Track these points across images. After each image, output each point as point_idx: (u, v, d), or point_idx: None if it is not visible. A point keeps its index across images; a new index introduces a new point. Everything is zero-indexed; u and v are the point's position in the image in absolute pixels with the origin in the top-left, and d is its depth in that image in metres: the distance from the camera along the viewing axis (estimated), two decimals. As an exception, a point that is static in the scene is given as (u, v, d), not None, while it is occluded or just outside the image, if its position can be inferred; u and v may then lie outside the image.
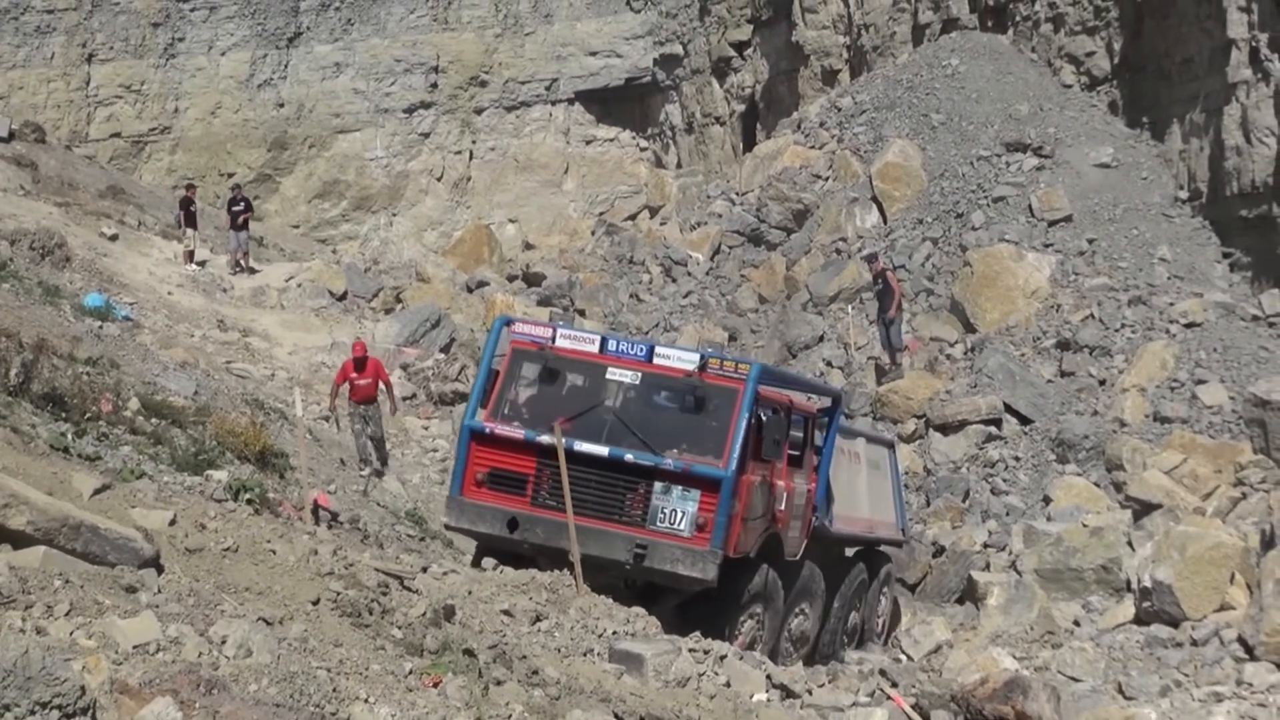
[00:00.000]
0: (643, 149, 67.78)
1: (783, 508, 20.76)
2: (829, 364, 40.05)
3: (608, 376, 20.00)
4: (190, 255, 41.64)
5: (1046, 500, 33.10)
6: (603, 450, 19.24)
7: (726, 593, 19.44)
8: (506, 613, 15.26)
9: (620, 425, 19.66)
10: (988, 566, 29.67)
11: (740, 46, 62.25)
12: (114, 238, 41.22)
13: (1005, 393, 36.81)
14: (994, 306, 40.12)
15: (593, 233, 57.27)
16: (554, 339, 20.39)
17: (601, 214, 62.66)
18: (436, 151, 65.45)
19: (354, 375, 28.53)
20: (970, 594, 28.60)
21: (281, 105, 63.49)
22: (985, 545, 31.19)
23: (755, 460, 19.81)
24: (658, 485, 19.23)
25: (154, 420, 21.76)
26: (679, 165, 65.02)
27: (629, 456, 19.24)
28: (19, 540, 10.24)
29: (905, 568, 30.37)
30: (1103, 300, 39.53)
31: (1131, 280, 40.22)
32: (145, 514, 12.67)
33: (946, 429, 36.25)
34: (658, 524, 19.17)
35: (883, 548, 26.75)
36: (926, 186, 45.25)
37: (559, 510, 19.07)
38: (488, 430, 19.99)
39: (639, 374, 19.90)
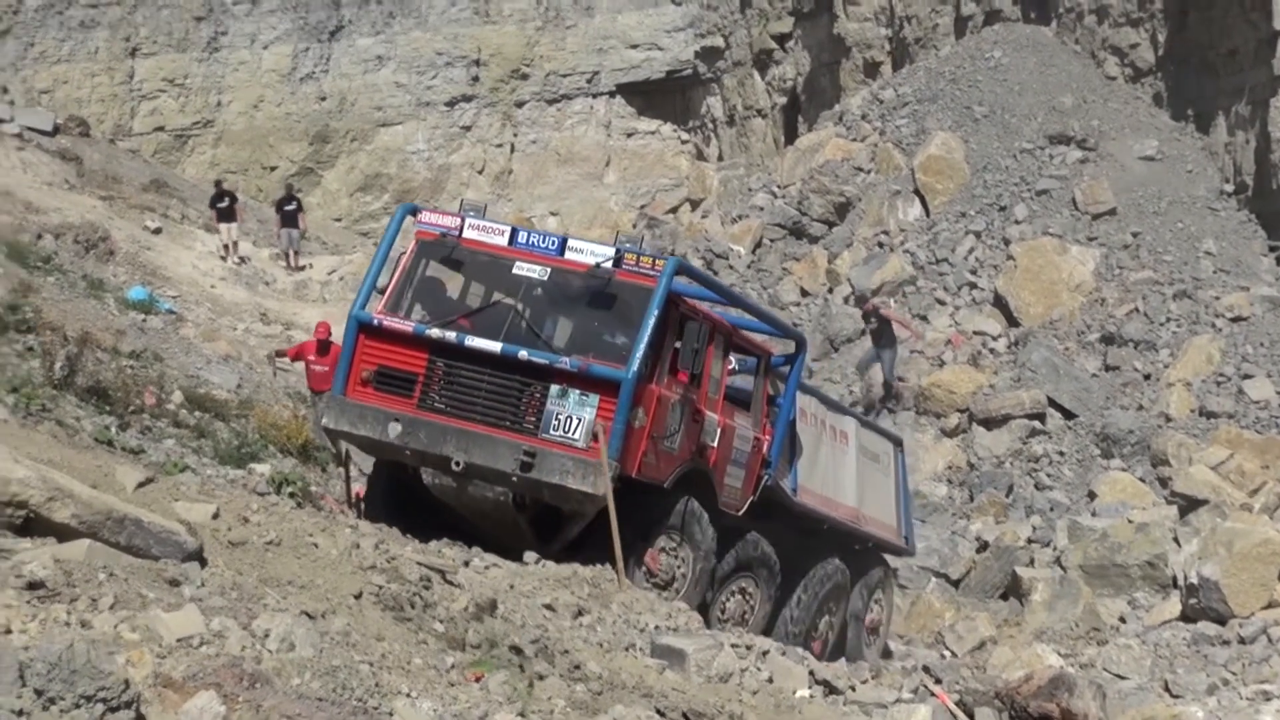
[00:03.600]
0: (684, 142, 67.73)
1: (715, 444, 19.05)
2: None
3: (514, 271, 18.28)
4: (227, 249, 41.58)
5: (1091, 496, 32.98)
6: (495, 347, 17.60)
7: (628, 521, 17.59)
8: (548, 607, 15.22)
9: (521, 322, 18.08)
10: (1032, 562, 29.55)
11: (782, 39, 62.16)
12: (157, 231, 41.39)
13: (1049, 387, 36.67)
14: (1038, 300, 39.97)
15: (634, 225, 57.19)
16: (461, 230, 18.63)
17: (642, 207, 62.61)
18: (478, 144, 65.51)
19: (312, 359, 26.05)
20: (1014, 590, 28.49)
21: (323, 99, 63.63)
22: (1029, 541, 31.04)
23: (673, 375, 18.25)
24: (554, 388, 17.44)
25: (197, 414, 21.84)
26: (720, 158, 64.92)
27: (523, 354, 17.49)
28: (64, 533, 10.25)
29: (949, 563, 30.24)
30: (1148, 294, 39.36)
31: (1177, 274, 40.05)
32: (188, 507, 12.68)
33: (990, 423, 36.11)
34: (550, 432, 17.35)
35: (884, 558, 25.09)
36: (969, 179, 45.10)
37: (446, 415, 17.66)
38: (376, 322, 18.23)
39: (548, 269, 18.14)
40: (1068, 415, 36.34)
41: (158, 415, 20.55)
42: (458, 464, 17.54)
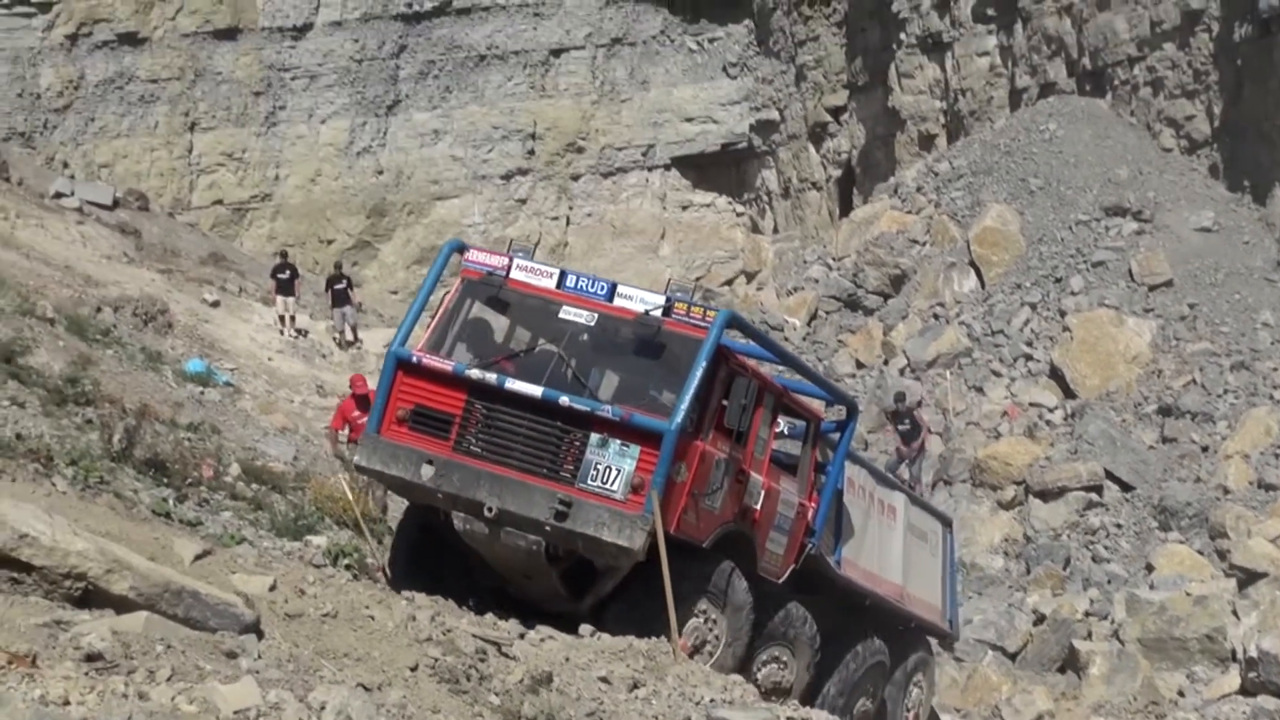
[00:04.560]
0: (739, 214, 67.88)
1: (758, 507, 18.32)
2: (929, 430, 39.83)
3: (561, 315, 17.58)
4: (283, 321, 41.65)
5: (1149, 568, 32.79)
6: (536, 391, 16.91)
7: (662, 580, 16.76)
8: (604, 679, 15.17)
9: (565, 368, 17.35)
10: (1089, 635, 29.38)
11: (836, 112, 62.32)
12: (215, 304, 41.62)
13: (1106, 459, 36.52)
14: (1094, 372, 39.85)
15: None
16: (509, 271, 17.97)
17: (698, 279, 62.68)
18: (534, 217, 65.80)
19: (356, 415, 25.64)
20: (1072, 663, 28.31)
21: (380, 172, 64.05)
22: (1087, 613, 30.87)
23: (719, 431, 17.41)
24: (594, 437, 16.78)
25: (254, 486, 21.90)
26: (775, 230, 65.06)
27: (564, 400, 16.83)
28: (122, 605, 10.30)
29: (1005, 636, 30.04)
30: (1205, 365, 39.19)
31: (1234, 345, 39.87)
32: (246, 579, 12.72)
33: (1046, 495, 35.97)
34: (588, 482, 16.70)
35: (926, 639, 23.86)
36: (1025, 251, 45.06)
37: (482, 459, 17.07)
38: (415, 360, 17.59)
39: (595, 314, 17.49)
40: (1125, 487, 36.18)
41: (215, 487, 20.63)
42: (490, 510, 16.97)
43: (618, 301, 17.50)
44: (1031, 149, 48.54)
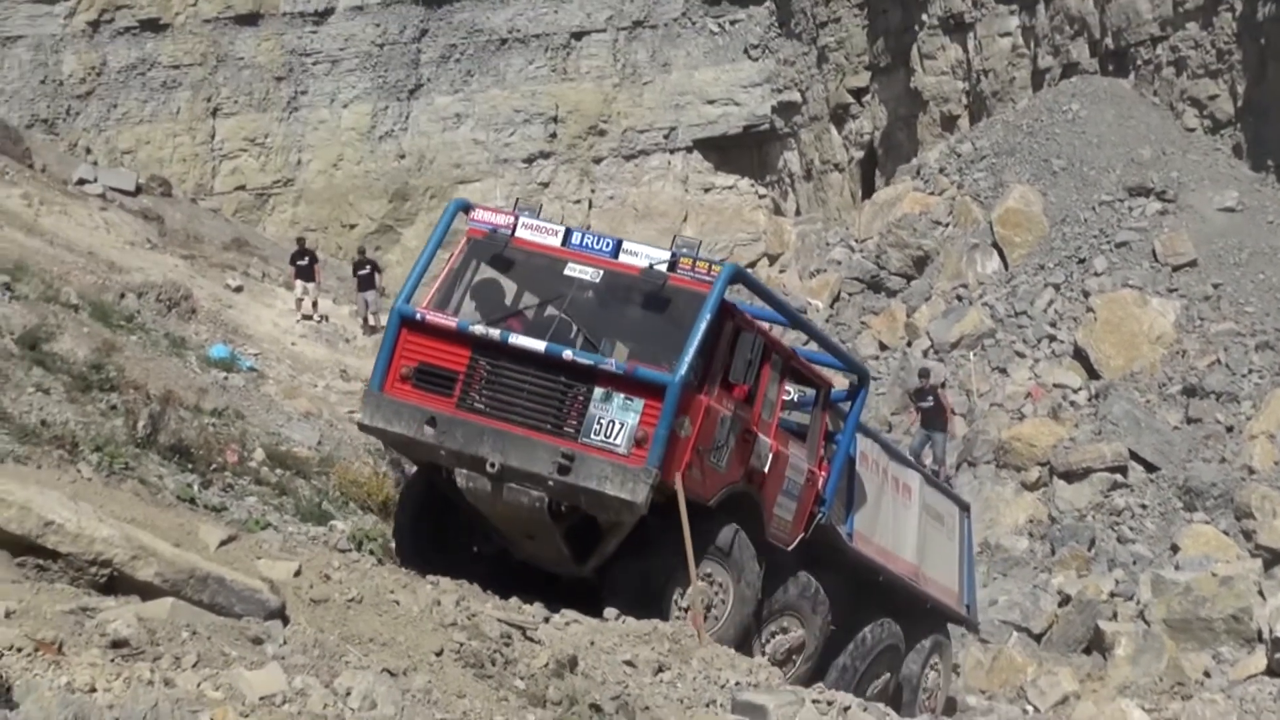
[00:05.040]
0: (761, 196, 67.81)
1: (765, 469, 18.06)
2: (952, 411, 39.74)
3: (566, 272, 17.44)
4: (299, 303, 41.58)
5: (1174, 549, 32.73)
6: (539, 346, 16.80)
7: (665, 541, 16.74)
8: (629, 663, 15.16)
9: (569, 323, 17.25)
10: (1115, 616, 29.31)
11: (858, 93, 62.22)
12: (238, 289, 41.63)
13: (1131, 440, 36.44)
14: (1118, 353, 39.76)
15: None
16: (514, 229, 17.81)
17: (720, 261, 62.62)
18: (556, 201, 65.78)
19: None
20: (1097, 644, 28.26)
21: (403, 156, 64.11)
22: (1112, 594, 30.79)
23: (724, 389, 17.23)
24: (598, 392, 16.63)
25: (278, 471, 21.92)
26: (798, 212, 64.97)
27: (567, 354, 16.67)
28: (147, 592, 10.31)
29: (1030, 617, 29.98)
30: (1229, 346, 39.09)
31: (1259, 325, 39.76)
32: (270, 565, 12.72)
33: (1071, 476, 35.90)
34: (592, 436, 16.54)
35: (944, 624, 23.56)
36: (1048, 232, 44.96)
37: (485, 415, 16.91)
38: (420, 317, 17.47)
39: (600, 271, 17.38)
40: (1150, 468, 36.10)
41: (239, 473, 20.65)
42: (493, 465, 16.80)
43: (623, 258, 17.37)
44: (1054, 129, 48.43)
